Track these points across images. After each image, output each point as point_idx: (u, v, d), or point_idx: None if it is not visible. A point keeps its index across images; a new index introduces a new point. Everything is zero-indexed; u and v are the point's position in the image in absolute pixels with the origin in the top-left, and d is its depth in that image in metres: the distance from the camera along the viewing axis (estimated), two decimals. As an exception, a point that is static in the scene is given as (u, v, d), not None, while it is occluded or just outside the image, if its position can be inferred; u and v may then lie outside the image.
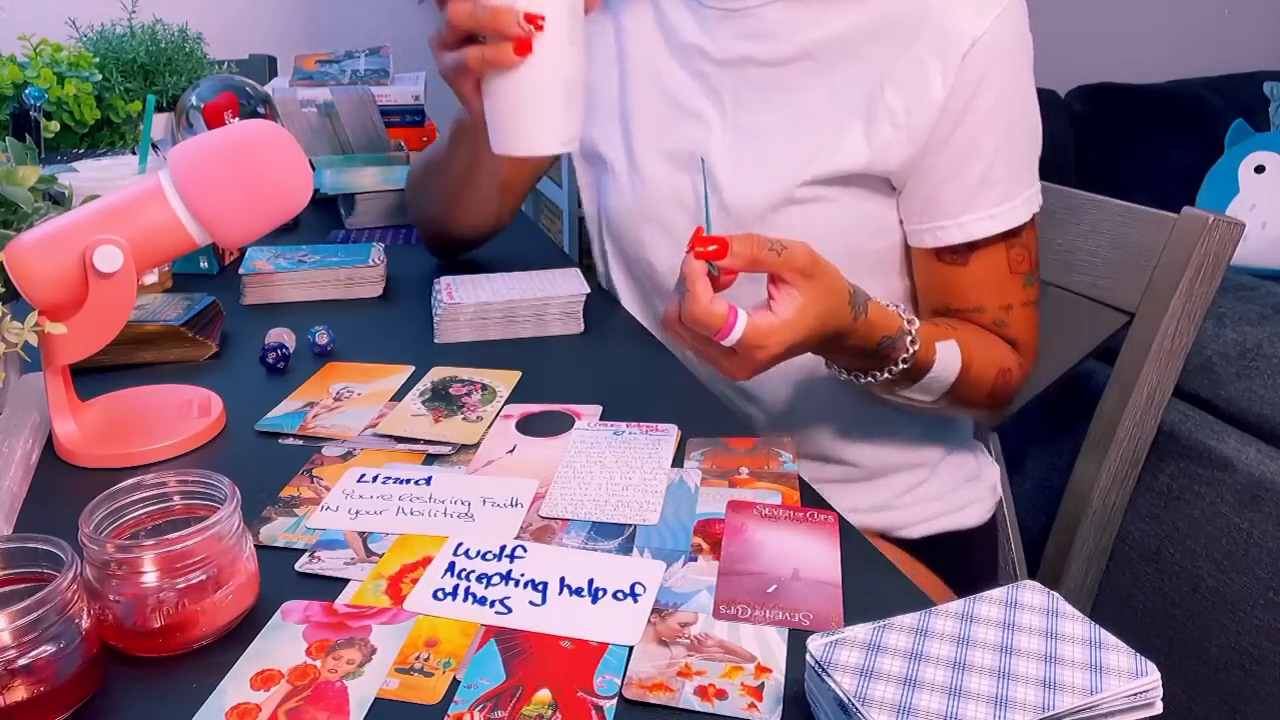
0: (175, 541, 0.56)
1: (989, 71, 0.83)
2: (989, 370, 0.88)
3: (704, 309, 0.68)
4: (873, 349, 0.79)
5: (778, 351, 0.70)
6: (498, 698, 0.54)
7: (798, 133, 0.89)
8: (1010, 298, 0.89)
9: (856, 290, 0.76)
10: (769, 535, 0.68)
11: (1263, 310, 1.17)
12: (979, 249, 0.88)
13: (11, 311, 0.69)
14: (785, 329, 0.70)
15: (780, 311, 0.70)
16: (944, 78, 0.83)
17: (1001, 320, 0.90)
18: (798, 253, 0.70)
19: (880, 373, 0.82)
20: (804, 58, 0.88)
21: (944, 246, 0.88)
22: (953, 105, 0.84)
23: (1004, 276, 0.89)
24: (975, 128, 0.84)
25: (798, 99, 0.89)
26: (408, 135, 1.65)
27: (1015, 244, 0.88)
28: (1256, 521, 1.09)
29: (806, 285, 0.70)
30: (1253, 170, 2.49)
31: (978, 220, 0.86)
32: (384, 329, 1.04)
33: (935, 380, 0.85)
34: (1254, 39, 3.29)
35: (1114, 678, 0.49)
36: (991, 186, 0.85)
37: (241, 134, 0.74)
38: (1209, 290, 0.95)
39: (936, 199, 0.87)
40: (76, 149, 1.40)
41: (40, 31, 1.48)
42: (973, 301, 0.89)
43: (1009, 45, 0.84)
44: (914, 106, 0.84)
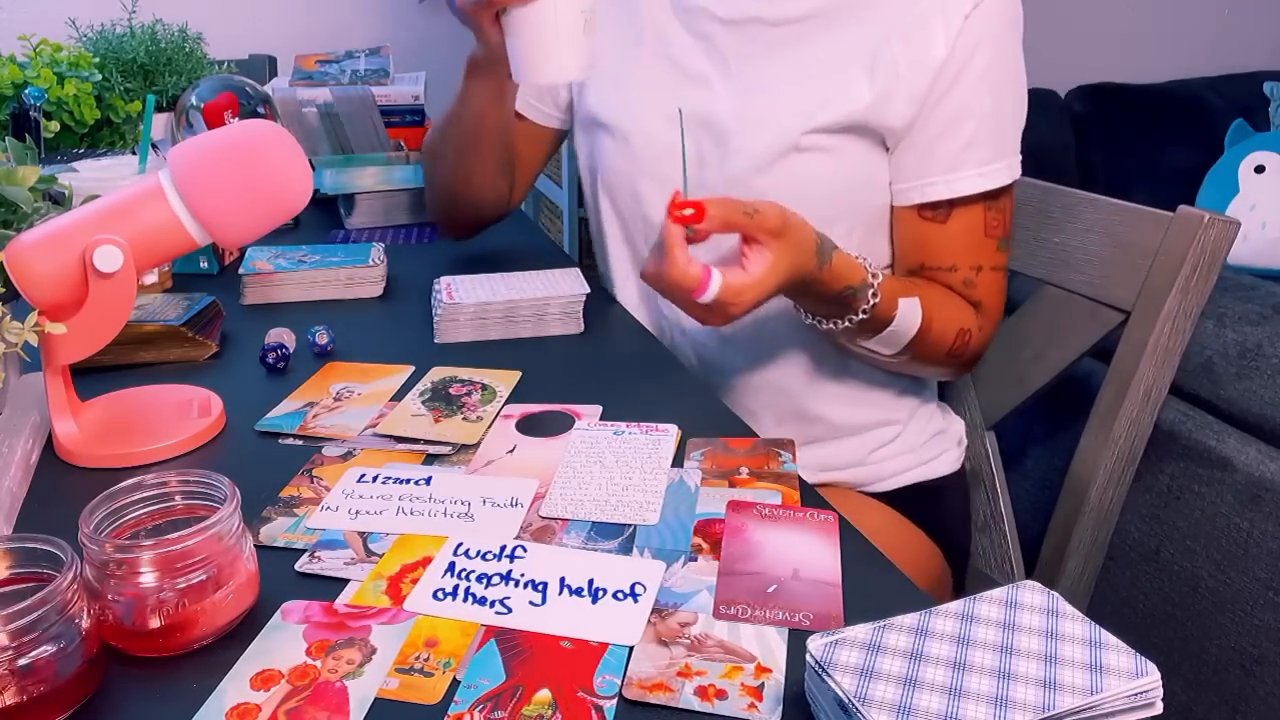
0: (175, 541, 0.56)
1: (986, 35, 0.87)
2: (949, 329, 0.92)
3: (681, 271, 0.74)
4: (835, 295, 0.84)
5: (750, 305, 0.77)
6: (498, 698, 0.54)
7: (803, 84, 0.92)
8: (982, 259, 0.93)
9: (824, 240, 0.82)
10: (769, 535, 0.68)
11: (1263, 310, 1.17)
12: (959, 208, 0.92)
13: (11, 311, 0.69)
14: (757, 286, 0.76)
15: (752, 270, 0.76)
16: (945, 37, 0.87)
17: (970, 280, 0.94)
18: (769, 214, 0.76)
19: (841, 320, 0.86)
20: (811, 17, 0.92)
21: (927, 203, 0.92)
22: (949, 66, 0.88)
23: (979, 238, 0.93)
24: (969, 89, 0.88)
25: (803, 54, 0.92)
26: (408, 135, 1.65)
27: (993, 207, 0.92)
28: (1256, 521, 1.09)
29: (777, 244, 0.76)
30: (1253, 170, 2.49)
31: (964, 178, 0.90)
32: (384, 329, 1.04)
33: (895, 334, 0.89)
34: (1254, 39, 3.29)
35: (1114, 678, 0.49)
36: (979, 148, 0.90)
37: (241, 134, 0.74)
38: (1205, 289, 0.95)
39: (928, 156, 0.91)
40: (76, 149, 1.40)
41: (40, 31, 1.48)
42: (947, 260, 0.93)
43: (1006, 13, 0.89)
44: (916, 61, 0.88)
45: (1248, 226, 2.39)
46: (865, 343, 0.91)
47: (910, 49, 0.88)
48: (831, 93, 0.91)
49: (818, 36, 0.92)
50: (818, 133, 0.91)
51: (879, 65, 0.89)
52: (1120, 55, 3.04)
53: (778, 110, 0.92)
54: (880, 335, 0.89)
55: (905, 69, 0.88)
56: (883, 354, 0.93)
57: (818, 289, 0.83)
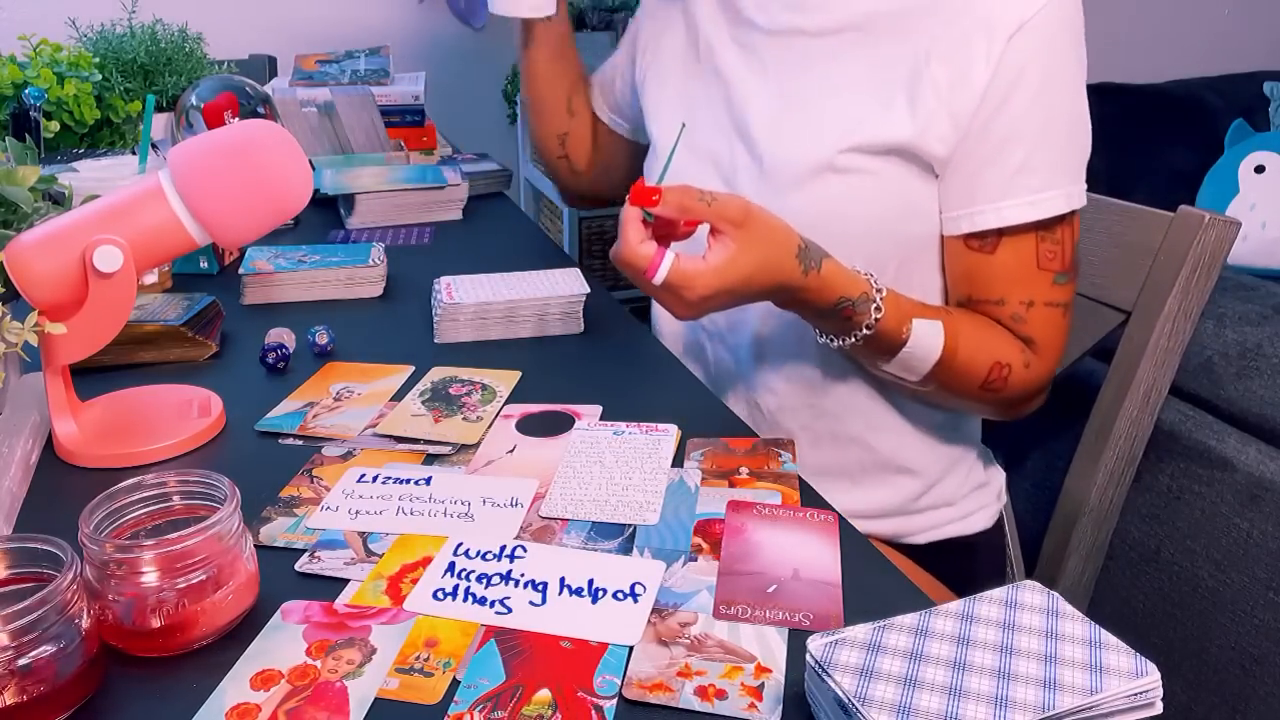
0: (175, 541, 0.56)
1: (1034, 56, 0.82)
2: (980, 361, 0.87)
3: (632, 250, 0.74)
4: (830, 308, 0.81)
5: (707, 293, 0.75)
6: (498, 698, 0.54)
7: (841, 101, 0.89)
8: (1033, 294, 0.88)
9: (809, 246, 0.79)
10: (769, 535, 0.68)
11: (1263, 310, 1.17)
12: (1008, 237, 0.87)
13: (11, 311, 0.69)
14: (712, 274, 0.74)
15: (711, 259, 0.75)
16: (987, 60, 0.82)
17: (1019, 315, 0.88)
18: (729, 204, 0.75)
19: (846, 337, 0.83)
20: (850, 29, 0.89)
21: (975, 232, 0.87)
22: (995, 89, 0.83)
23: (1030, 270, 0.87)
24: (1018, 114, 0.84)
25: (842, 69, 0.90)
26: (408, 135, 1.65)
27: (1048, 238, 0.87)
28: (1256, 521, 1.09)
29: (739, 234, 0.75)
30: (1253, 170, 2.49)
31: (1014, 206, 0.85)
32: (384, 329, 1.04)
33: (913, 358, 0.85)
34: (1254, 39, 3.29)
35: (1114, 678, 0.49)
36: (1031, 174, 0.85)
37: (241, 134, 0.74)
38: (1205, 289, 0.95)
39: (975, 183, 0.86)
40: (76, 149, 1.40)
41: (40, 31, 1.48)
42: (994, 293, 0.88)
43: (1057, 32, 0.83)
44: (957, 83, 0.84)
45: (1248, 226, 2.39)
46: (885, 366, 0.87)
47: (952, 70, 0.84)
48: (870, 112, 0.87)
49: (857, 51, 0.89)
50: (855, 152, 0.87)
51: (920, 86, 0.85)
52: (1120, 55, 3.04)
53: (814, 126, 0.90)
54: (897, 359, 0.85)
55: (947, 91, 0.84)
56: (909, 381, 0.88)
57: (806, 297, 0.80)
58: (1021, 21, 0.82)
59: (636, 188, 0.74)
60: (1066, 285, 0.89)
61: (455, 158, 1.69)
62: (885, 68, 0.87)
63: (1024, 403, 0.93)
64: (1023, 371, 0.89)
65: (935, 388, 0.89)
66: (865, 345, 0.84)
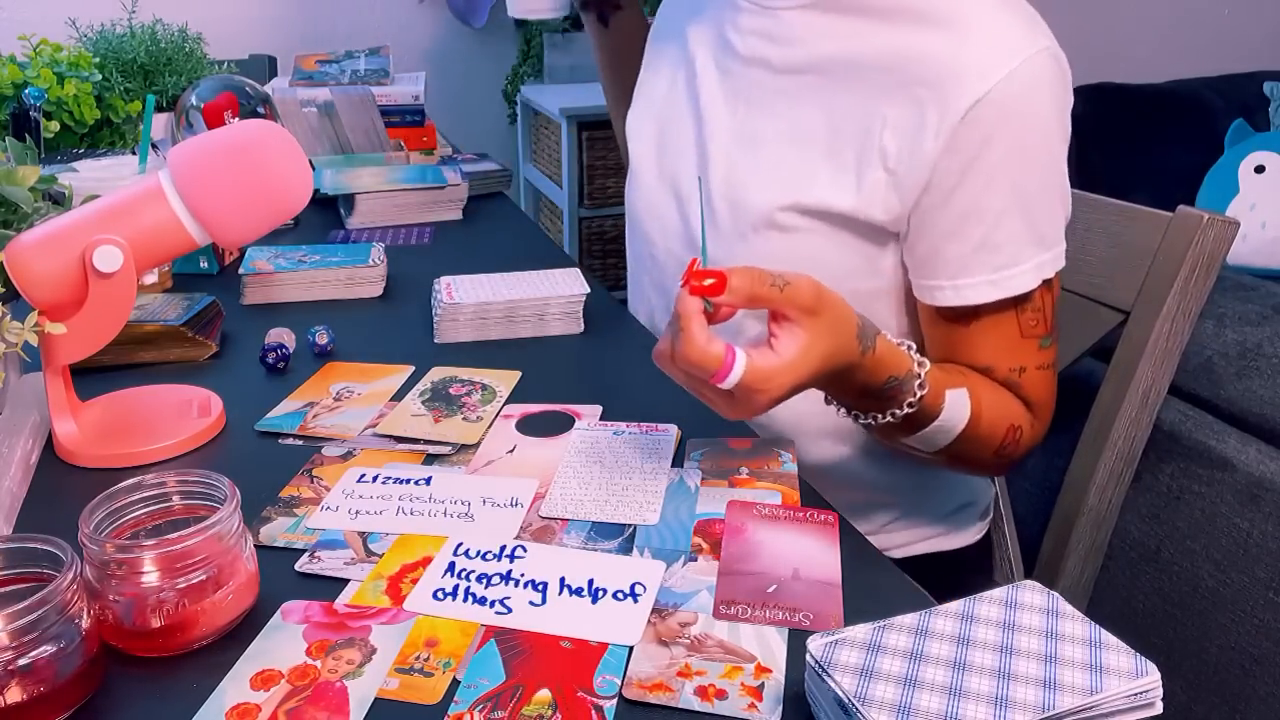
0: (175, 541, 0.56)
1: (996, 131, 0.76)
2: (999, 425, 0.82)
3: (700, 350, 0.62)
4: (879, 389, 0.73)
5: (780, 394, 0.66)
6: (498, 698, 0.54)
7: (791, 152, 0.85)
8: (1023, 360, 0.83)
9: (865, 323, 0.71)
10: (769, 535, 0.68)
11: (1263, 310, 1.17)
12: (984, 313, 0.81)
13: (11, 311, 0.69)
14: (788, 370, 0.65)
15: (783, 352, 0.65)
16: (937, 133, 0.76)
17: (1013, 381, 0.83)
18: (802, 288, 0.65)
19: (883, 415, 0.76)
20: (811, 72, 0.85)
21: (943, 306, 0.82)
22: (947, 167, 0.77)
23: (1014, 340, 0.82)
24: (977, 188, 0.77)
25: (798, 115, 0.86)
26: (408, 135, 1.65)
27: (1027, 308, 0.81)
28: (1256, 521, 1.09)
29: (811, 323, 0.65)
30: (1253, 170, 2.49)
31: (974, 285, 0.79)
32: (384, 329, 1.04)
33: (941, 430, 0.78)
34: (1254, 39, 3.29)
35: (1114, 678, 0.49)
36: (994, 251, 0.79)
37: (241, 134, 0.74)
38: (1204, 289, 0.95)
39: (934, 257, 0.81)
40: (76, 149, 1.40)
41: (40, 31, 1.48)
42: (980, 361, 0.83)
43: (1024, 103, 0.76)
44: (906, 154, 0.78)
45: (1248, 226, 2.39)
46: (904, 439, 0.80)
47: (901, 140, 0.78)
48: (817, 171, 0.83)
49: (814, 96, 0.85)
50: (795, 212, 0.83)
51: (869, 152, 0.80)
52: (1120, 55, 3.04)
53: (762, 176, 0.86)
54: (922, 433, 0.78)
55: (894, 162, 0.79)
56: (920, 452, 0.82)
57: (859, 377, 0.71)
58: (977, 96, 0.75)
59: (693, 273, 0.63)
60: (1051, 346, 0.85)
61: (455, 158, 1.69)
62: (840, 123, 0.83)
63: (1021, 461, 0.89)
64: (1030, 431, 0.85)
65: (945, 458, 0.83)
66: (902, 422, 0.76)
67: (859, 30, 0.83)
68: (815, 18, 0.85)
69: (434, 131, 1.70)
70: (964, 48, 0.76)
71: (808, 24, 0.86)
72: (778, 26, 0.87)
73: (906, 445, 0.81)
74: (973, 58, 0.76)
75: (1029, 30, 0.77)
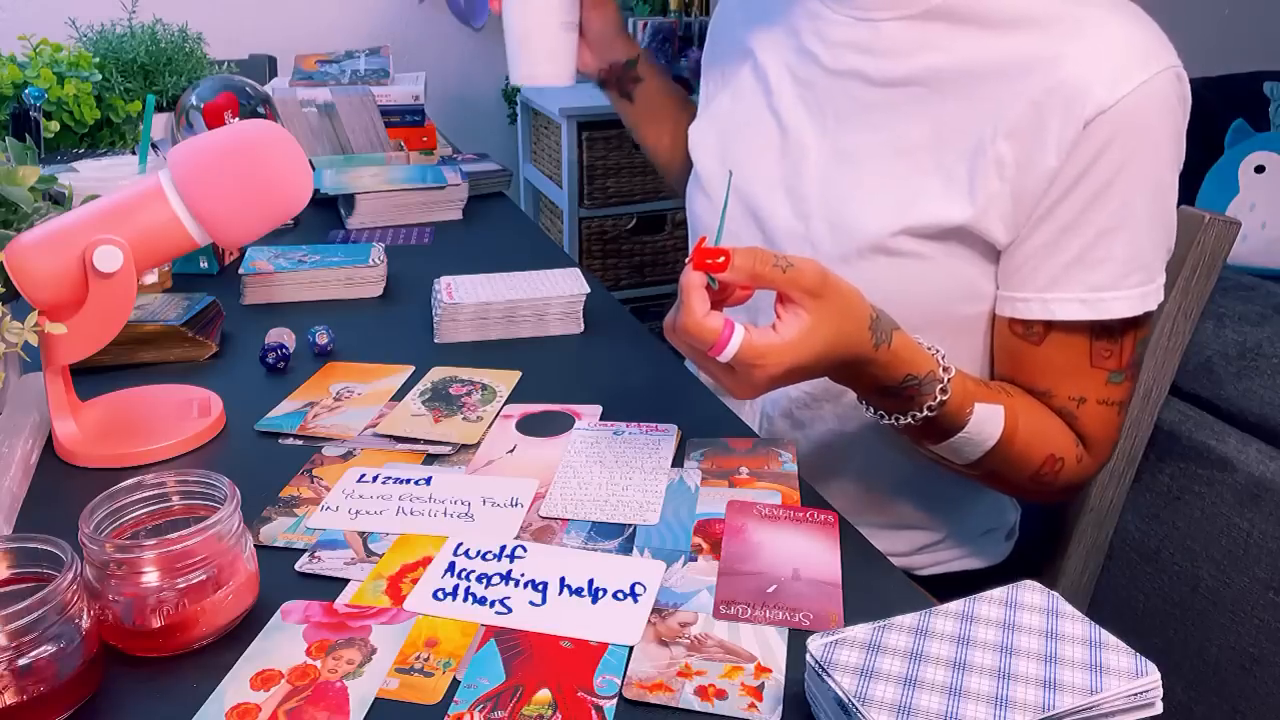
0: (175, 541, 0.56)
1: (1111, 145, 0.73)
2: (1037, 451, 0.80)
3: (697, 322, 0.64)
4: (896, 386, 0.73)
5: (777, 373, 0.66)
6: (498, 698, 0.54)
7: (897, 168, 0.82)
8: (1085, 391, 0.80)
9: (881, 316, 0.71)
10: (769, 535, 0.68)
11: (1263, 310, 1.17)
12: (1057, 331, 0.79)
13: (11, 311, 0.69)
14: (786, 349, 0.65)
15: (783, 331, 0.66)
16: (1059, 144, 0.74)
17: (1070, 411, 0.81)
18: (805, 270, 0.65)
19: (904, 416, 0.75)
20: (914, 84, 0.82)
21: (1019, 319, 0.80)
22: (1064, 175, 0.75)
23: (1082, 368, 0.79)
24: (1082, 202, 0.75)
25: (901, 128, 0.82)
26: (408, 135, 1.65)
27: (1105, 338, 0.78)
28: (1256, 521, 1.09)
29: (815, 305, 0.66)
30: (1253, 170, 2.49)
31: (1064, 301, 0.77)
32: (384, 329, 1.04)
33: (968, 442, 0.78)
34: (1254, 39, 3.29)
35: (1114, 678, 0.49)
36: (1090, 269, 0.76)
37: (241, 134, 0.74)
38: (1205, 289, 0.95)
39: (1027, 268, 0.78)
40: (76, 149, 1.40)
41: (40, 31, 1.48)
42: (1041, 384, 0.81)
43: (1144, 121, 0.74)
44: (1024, 164, 0.76)
45: (1248, 226, 2.39)
46: (933, 447, 0.80)
47: (1019, 149, 0.76)
48: (929, 188, 0.80)
49: (920, 109, 0.81)
50: (908, 236, 0.80)
51: (984, 163, 0.77)
52: (1120, 55, 3.04)
53: (868, 198, 0.82)
54: (949, 442, 0.78)
55: (1013, 171, 0.76)
56: (953, 464, 0.81)
57: (872, 372, 0.71)
58: (1103, 106, 0.72)
59: (700, 250, 0.65)
60: (1123, 384, 0.81)
61: (455, 158, 1.69)
62: (948, 134, 0.80)
63: (1069, 494, 0.87)
64: (1075, 465, 0.82)
65: (981, 473, 0.82)
66: (923, 426, 0.76)
67: (969, 39, 0.79)
68: (920, 28, 0.81)
69: (434, 131, 1.70)
70: (1092, 58, 0.74)
71: (912, 35, 0.82)
72: (876, 38, 0.83)
73: (938, 455, 0.81)
74: (1101, 68, 0.73)
75: (1159, 46, 0.75)
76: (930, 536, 0.97)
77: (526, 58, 1.00)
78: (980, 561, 1.01)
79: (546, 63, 1.00)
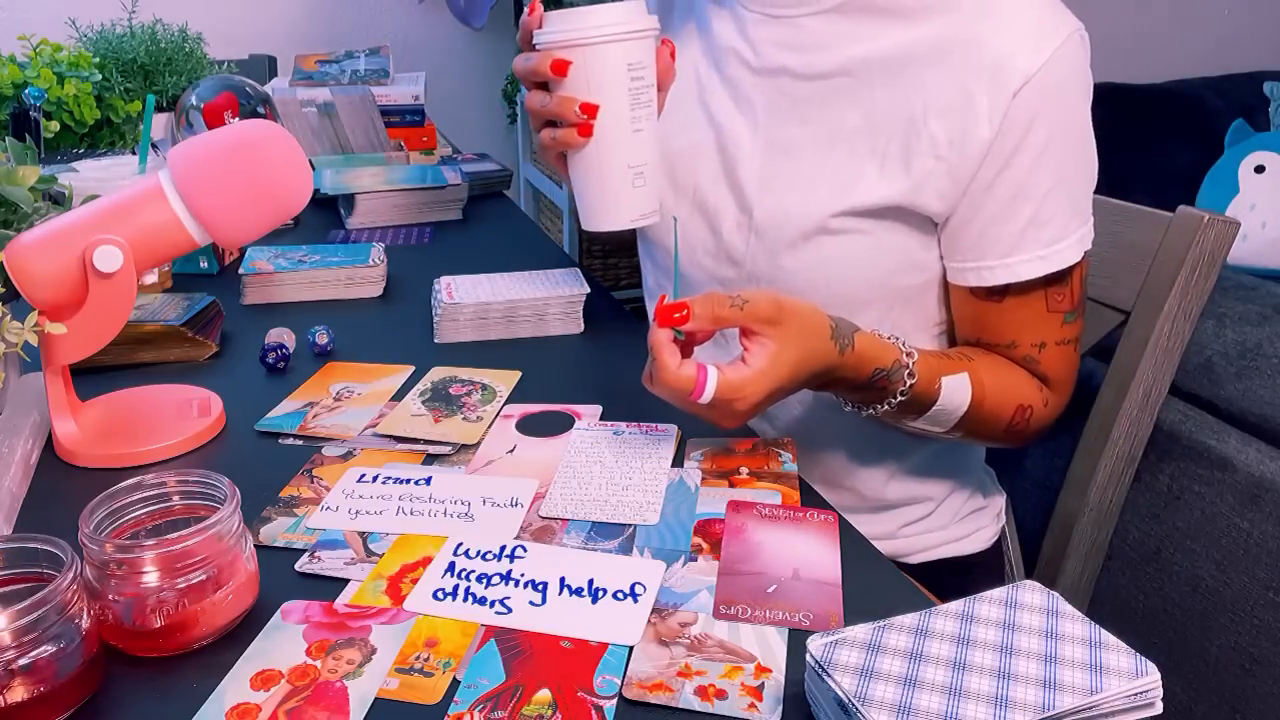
0: (175, 541, 0.56)
1: (1041, 110, 0.79)
2: (1006, 406, 0.86)
3: (673, 375, 0.69)
4: (866, 381, 0.78)
5: (756, 399, 0.71)
6: (498, 698, 0.54)
7: (832, 155, 0.85)
8: (1045, 336, 0.86)
9: (840, 323, 0.76)
10: (769, 535, 0.68)
11: (1263, 310, 1.17)
12: (1014, 290, 0.84)
13: (11, 311, 0.69)
14: (759, 378, 0.70)
15: (753, 363, 0.71)
16: (991, 116, 0.79)
17: (1032, 358, 0.87)
18: (760, 303, 0.71)
19: (880, 405, 0.81)
20: (842, 74, 0.85)
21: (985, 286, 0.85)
22: (999, 147, 0.80)
23: (1040, 316, 0.86)
24: (1025, 169, 0.80)
25: (833, 118, 0.85)
26: (408, 135, 1.65)
27: (1057, 284, 0.85)
28: (1256, 521, 1.09)
29: (776, 332, 0.71)
30: (1253, 170, 2.49)
31: (1026, 261, 0.82)
32: (384, 329, 1.04)
33: (943, 413, 0.83)
34: (1254, 39, 3.30)
35: (1114, 678, 0.49)
36: (1041, 227, 0.82)
37: (241, 134, 0.74)
38: (1205, 289, 0.95)
39: (983, 239, 0.83)
40: (76, 149, 1.40)
41: (40, 31, 1.48)
42: (1005, 337, 0.87)
43: (1065, 82, 0.80)
44: (958, 139, 0.80)
45: (1248, 226, 2.39)
46: (913, 424, 0.85)
47: (951, 126, 0.80)
48: (864, 170, 0.84)
49: (849, 98, 0.85)
50: (849, 215, 0.84)
51: (917, 142, 0.82)
52: (1120, 55, 3.04)
53: (805, 184, 0.86)
54: (926, 415, 0.84)
55: (946, 149, 0.81)
56: (934, 432, 0.87)
57: (843, 374, 0.76)
58: (1027, 76, 0.78)
59: (661, 309, 0.70)
60: (1075, 322, 0.87)
61: (455, 158, 1.69)
62: (879, 119, 0.84)
63: (1041, 434, 0.92)
64: (1043, 409, 0.89)
65: (960, 435, 0.88)
66: (898, 409, 0.82)
67: (889, 28, 0.83)
68: (839, 22, 0.84)
69: (434, 131, 1.70)
70: (1008, 33, 0.79)
71: (832, 29, 0.84)
72: (798, 34, 0.86)
73: (918, 429, 0.86)
74: (1018, 41, 0.79)
75: (1061, 13, 0.81)
76: (910, 515, 0.99)
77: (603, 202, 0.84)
78: (970, 546, 1.02)
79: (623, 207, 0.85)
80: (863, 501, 0.97)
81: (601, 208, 0.84)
